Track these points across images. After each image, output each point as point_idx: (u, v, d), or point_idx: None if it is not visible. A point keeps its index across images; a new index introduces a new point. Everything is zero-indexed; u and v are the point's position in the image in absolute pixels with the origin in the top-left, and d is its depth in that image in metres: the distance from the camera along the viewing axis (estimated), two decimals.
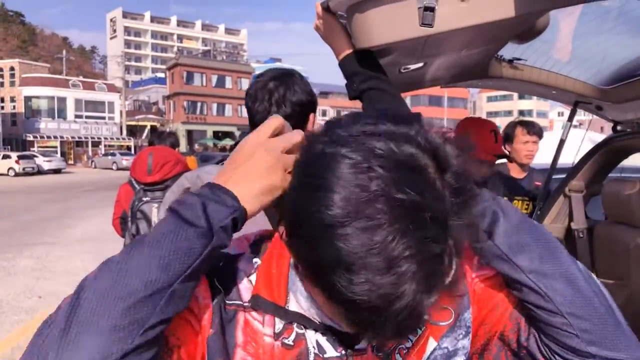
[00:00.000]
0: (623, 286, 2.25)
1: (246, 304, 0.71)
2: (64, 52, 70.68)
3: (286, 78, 1.76)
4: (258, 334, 0.70)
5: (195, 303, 0.68)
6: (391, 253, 0.51)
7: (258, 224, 1.57)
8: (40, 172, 33.96)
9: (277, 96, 1.73)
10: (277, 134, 0.74)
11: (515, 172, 3.10)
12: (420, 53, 1.79)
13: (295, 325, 0.71)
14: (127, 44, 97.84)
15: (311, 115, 1.80)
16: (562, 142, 2.61)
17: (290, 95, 1.71)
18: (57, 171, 35.65)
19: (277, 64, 74.00)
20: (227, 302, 0.70)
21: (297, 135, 0.72)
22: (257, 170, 0.69)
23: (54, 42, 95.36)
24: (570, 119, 2.61)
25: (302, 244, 0.58)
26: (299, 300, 0.71)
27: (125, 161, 37.99)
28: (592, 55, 2.23)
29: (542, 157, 3.26)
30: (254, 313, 0.71)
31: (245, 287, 0.72)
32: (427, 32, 1.31)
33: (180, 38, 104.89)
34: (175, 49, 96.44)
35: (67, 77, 54.73)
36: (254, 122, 1.78)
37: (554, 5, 1.44)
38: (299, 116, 1.71)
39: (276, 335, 0.71)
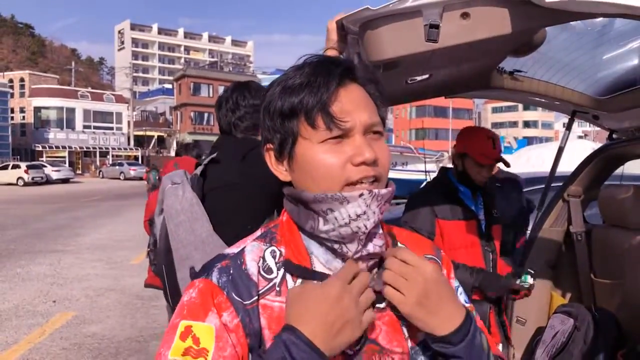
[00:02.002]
0: (619, 285, 2.37)
1: (261, 291, 0.84)
2: (73, 63, 71.45)
3: (241, 86, 2.08)
4: (274, 309, 0.83)
5: (227, 328, 0.80)
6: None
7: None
8: (49, 181, 34.27)
9: (230, 103, 2.04)
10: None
11: None
12: (426, 66, 1.93)
13: None
14: (135, 55, 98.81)
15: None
16: (560, 150, 2.74)
17: (241, 100, 2.01)
18: (65, 181, 35.97)
19: None
20: (245, 303, 0.81)
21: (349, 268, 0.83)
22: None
23: (62, 53, 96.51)
24: (569, 128, 2.74)
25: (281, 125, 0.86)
26: (319, 259, 0.87)
27: (133, 171, 38.25)
28: (588, 67, 2.37)
29: (549, 166, 3.28)
30: (268, 297, 0.84)
31: (259, 278, 0.85)
32: (432, 47, 1.46)
33: (188, 50, 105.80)
34: (182, 60, 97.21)
35: (76, 88, 55.31)
36: (220, 126, 2.09)
37: (547, 23, 1.59)
38: (252, 117, 1.99)
39: None
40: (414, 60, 1.78)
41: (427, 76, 2.16)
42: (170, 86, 68.39)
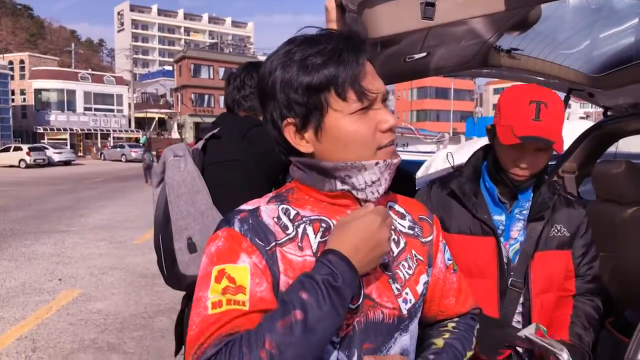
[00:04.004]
0: (611, 258, 2.44)
1: (279, 241, 0.91)
2: (73, 45, 71.04)
3: (251, 66, 2.13)
4: (293, 262, 0.90)
5: (258, 268, 0.88)
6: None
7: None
8: (50, 164, 34.37)
9: (237, 81, 2.11)
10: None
11: None
12: (423, 44, 1.98)
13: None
14: (135, 37, 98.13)
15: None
16: None
17: (248, 79, 2.07)
18: (67, 163, 36.06)
19: None
20: (267, 248, 0.89)
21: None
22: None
23: (62, 35, 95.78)
24: (564, 105, 2.79)
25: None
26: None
27: (134, 153, 38.26)
28: (584, 45, 2.41)
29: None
30: (285, 248, 0.91)
31: (276, 230, 0.92)
32: (428, 25, 1.51)
33: (188, 31, 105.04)
34: (182, 41, 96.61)
35: (76, 70, 55.14)
36: (225, 103, 2.15)
37: (542, 0, 1.63)
38: (256, 98, 2.02)
39: (314, 254, 0.92)
40: (411, 38, 1.83)
41: (424, 54, 2.21)
42: (170, 68, 68.10)
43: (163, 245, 1.93)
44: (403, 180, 4.15)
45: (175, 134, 55.10)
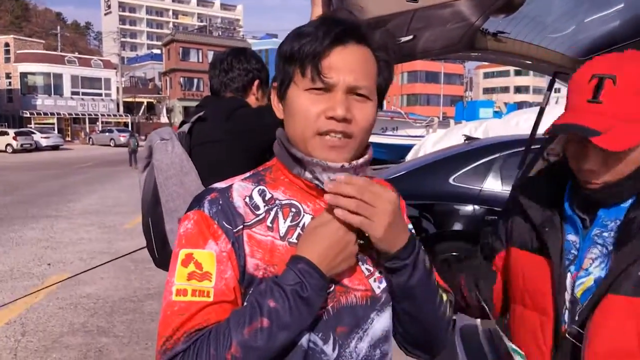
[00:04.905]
0: None
1: (246, 223, 0.93)
2: (59, 28, 69.96)
3: (238, 51, 2.20)
4: (261, 242, 0.93)
5: (223, 253, 0.90)
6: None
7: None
8: (38, 148, 34.07)
9: (225, 64, 2.15)
10: None
11: None
12: (409, 26, 1.99)
13: (297, 227, 0.95)
14: (122, 20, 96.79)
15: (256, 81, 2.20)
16: (542, 110, 2.82)
17: (236, 62, 2.12)
18: (55, 148, 35.75)
19: (274, 40, 73.06)
20: (234, 230, 0.92)
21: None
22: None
23: (47, 17, 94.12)
24: (550, 88, 2.81)
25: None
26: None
27: (123, 138, 37.89)
28: (568, 28, 2.43)
29: (543, 128, 3.37)
30: (255, 229, 0.93)
31: (245, 211, 0.94)
32: (412, 7, 1.52)
33: (176, 14, 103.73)
34: (170, 25, 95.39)
35: (63, 54, 54.34)
36: (210, 86, 2.20)
37: None
38: (243, 80, 2.14)
39: (282, 238, 0.94)
40: (396, 21, 1.83)
41: (411, 37, 2.22)
42: (158, 51, 67.42)
43: (153, 228, 1.94)
44: None
45: (164, 118, 54.71)
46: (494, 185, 4.85)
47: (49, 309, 5.00)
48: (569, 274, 1.17)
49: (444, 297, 1.04)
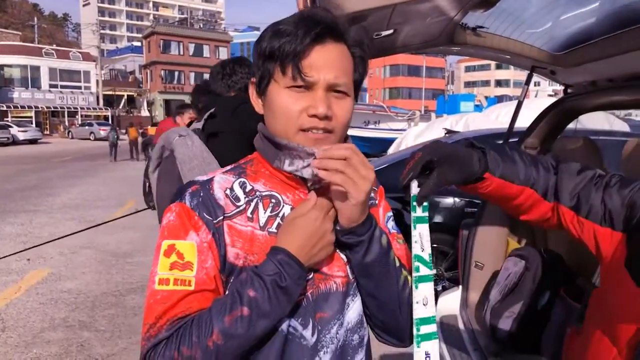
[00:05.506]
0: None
1: (227, 214, 0.96)
2: (35, 19, 68.61)
3: (238, 59, 2.35)
4: (242, 232, 0.96)
5: (204, 244, 0.93)
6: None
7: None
8: (15, 142, 33.37)
9: (227, 69, 2.30)
10: None
11: None
12: (389, 21, 2.01)
13: (277, 217, 0.98)
14: (101, 11, 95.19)
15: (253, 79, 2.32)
16: (519, 104, 2.87)
17: (238, 67, 2.29)
18: (33, 142, 35.08)
19: (256, 33, 72.51)
20: (214, 221, 0.95)
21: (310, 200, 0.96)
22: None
23: (23, 8, 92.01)
24: (527, 82, 2.87)
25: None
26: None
27: (103, 131, 37.33)
28: (546, 23, 2.47)
29: (524, 121, 3.31)
30: (235, 220, 0.96)
31: (225, 203, 0.97)
32: (392, 2, 1.54)
33: (156, 6, 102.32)
34: (151, 17, 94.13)
35: (40, 46, 53.25)
36: (213, 90, 2.33)
37: None
38: (246, 81, 2.25)
39: (261, 228, 0.97)
40: (377, 15, 1.85)
41: (391, 31, 2.24)
42: (139, 44, 66.50)
43: None
44: None
45: (145, 112, 54.11)
46: None
47: (29, 304, 4.95)
48: None
49: (409, 279, 1.05)
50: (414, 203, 1.03)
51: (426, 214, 1.03)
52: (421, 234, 1.00)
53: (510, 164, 1.20)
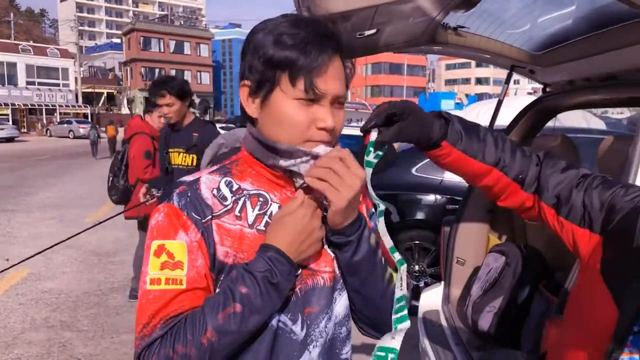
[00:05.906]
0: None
1: (215, 213, 0.98)
2: (12, 15, 67.29)
3: None
4: (230, 231, 0.97)
5: (194, 243, 0.95)
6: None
7: None
8: None
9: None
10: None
11: None
12: (372, 21, 2.04)
13: (265, 215, 1.00)
14: (79, 7, 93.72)
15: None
16: (499, 103, 2.92)
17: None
18: (9, 140, 34.41)
19: (237, 30, 72.20)
20: (203, 221, 0.96)
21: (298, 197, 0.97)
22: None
23: (0, 4, 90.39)
24: (507, 81, 2.92)
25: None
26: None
27: (83, 129, 36.78)
28: (525, 24, 2.52)
29: (503, 119, 3.35)
30: (223, 219, 0.98)
31: (213, 202, 0.98)
32: (375, 2, 1.57)
33: (136, 2, 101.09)
34: (130, 13, 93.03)
35: (16, 42, 52.28)
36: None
37: None
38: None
39: (250, 226, 0.99)
40: (360, 16, 1.88)
41: (374, 31, 2.27)
42: (118, 41, 65.75)
43: None
44: None
45: (125, 109, 53.49)
46: (455, 175, 4.97)
47: (8, 304, 4.89)
48: None
49: (394, 276, 1.08)
50: (370, 148, 1.08)
51: (376, 160, 1.08)
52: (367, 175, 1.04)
53: (477, 142, 1.21)
